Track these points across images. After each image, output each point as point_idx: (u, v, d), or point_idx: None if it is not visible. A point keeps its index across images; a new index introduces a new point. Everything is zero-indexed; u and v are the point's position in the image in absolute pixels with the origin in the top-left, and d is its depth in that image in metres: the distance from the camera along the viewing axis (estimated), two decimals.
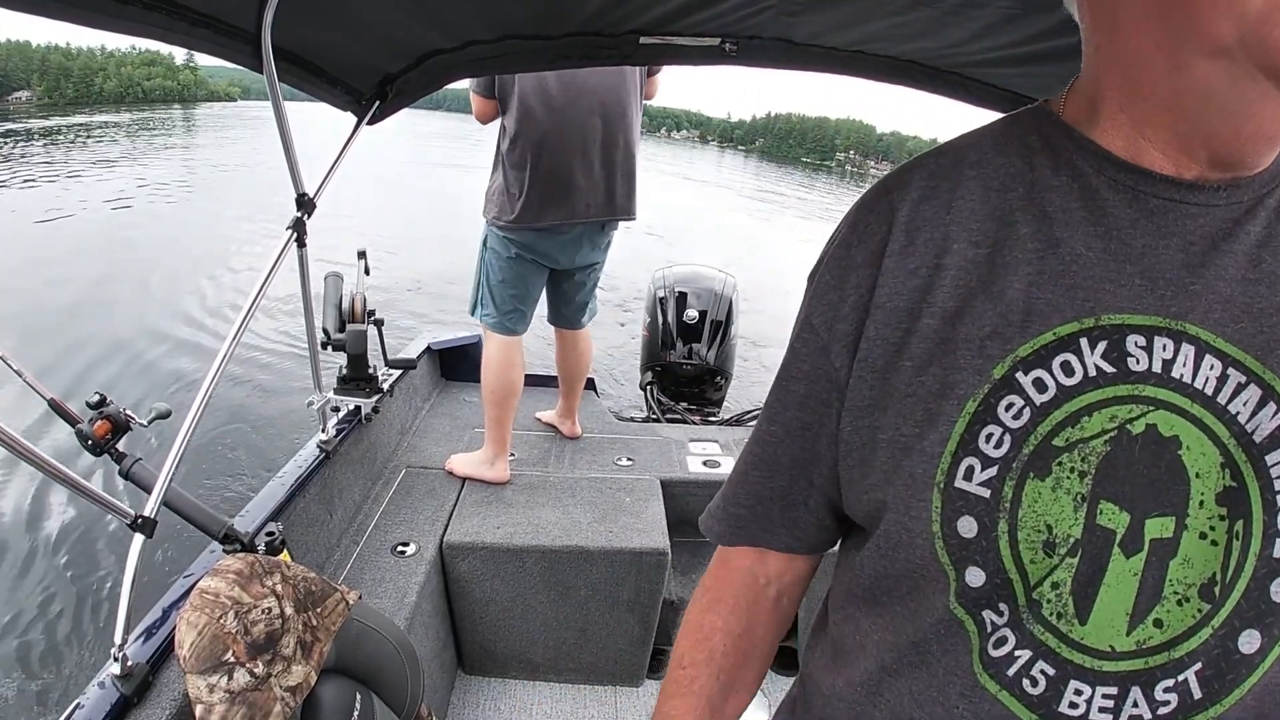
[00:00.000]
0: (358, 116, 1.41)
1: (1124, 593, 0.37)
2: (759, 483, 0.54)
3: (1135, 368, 0.38)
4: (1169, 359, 0.38)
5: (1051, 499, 0.38)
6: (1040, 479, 0.38)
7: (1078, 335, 0.39)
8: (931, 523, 0.40)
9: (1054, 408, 0.38)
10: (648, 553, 1.69)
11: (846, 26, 1.12)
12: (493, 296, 1.99)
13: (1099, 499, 0.37)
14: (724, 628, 0.58)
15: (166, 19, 0.87)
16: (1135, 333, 0.38)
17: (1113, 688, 0.38)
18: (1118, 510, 0.37)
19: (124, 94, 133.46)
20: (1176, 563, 0.36)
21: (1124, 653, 0.37)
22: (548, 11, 1.11)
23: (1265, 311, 0.37)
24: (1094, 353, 0.38)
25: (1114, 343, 0.38)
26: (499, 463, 1.98)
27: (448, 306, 6.85)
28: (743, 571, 0.58)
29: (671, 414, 3.08)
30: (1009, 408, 0.39)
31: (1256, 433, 0.36)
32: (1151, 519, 0.37)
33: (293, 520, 1.44)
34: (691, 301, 3.20)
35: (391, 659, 1.01)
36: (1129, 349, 0.38)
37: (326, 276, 1.89)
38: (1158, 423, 0.37)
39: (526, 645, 1.80)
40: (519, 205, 1.88)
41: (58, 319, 5.65)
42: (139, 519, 0.99)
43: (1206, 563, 0.36)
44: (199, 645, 0.73)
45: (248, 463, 3.77)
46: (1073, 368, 0.38)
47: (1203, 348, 0.37)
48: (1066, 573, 0.38)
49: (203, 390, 1.14)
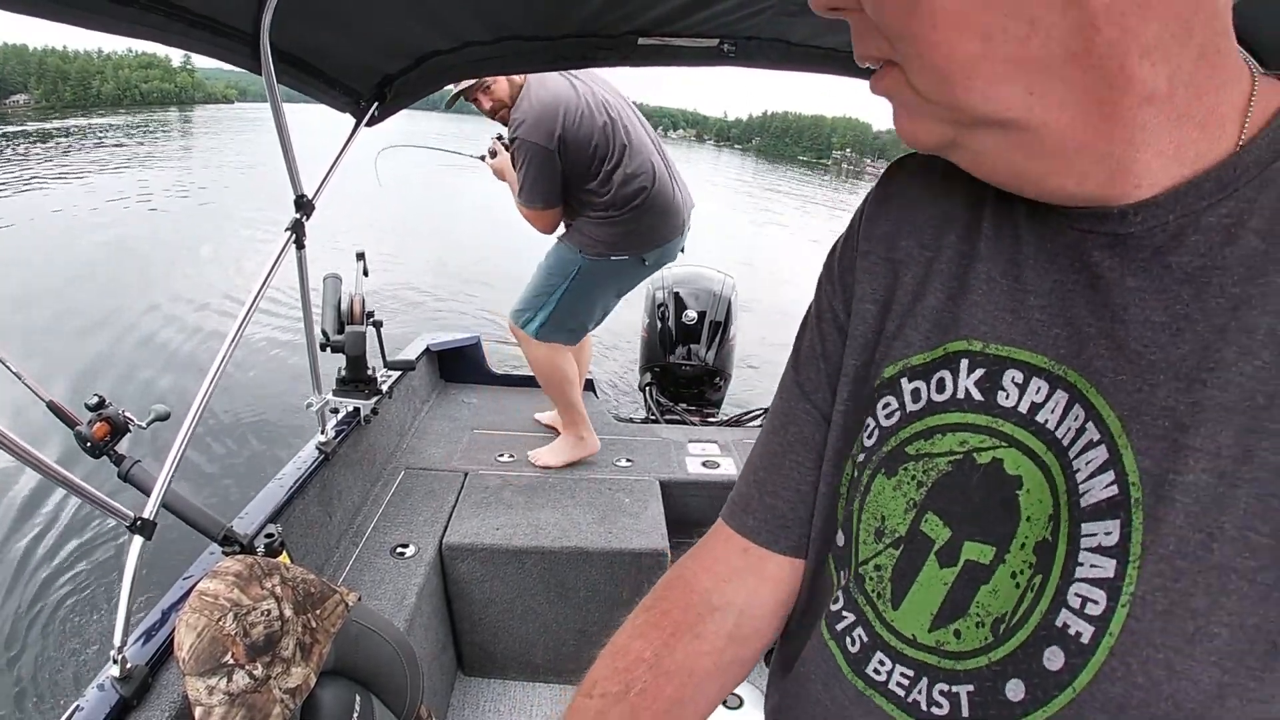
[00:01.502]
0: (356, 118, 1.41)
1: (932, 595, 0.39)
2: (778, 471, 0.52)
3: (1003, 402, 0.38)
4: (1039, 402, 0.37)
5: (890, 496, 0.41)
6: (887, 477, 0.42)
7: (961, 356, 0.40)
8: (841, 486, 0.46)
9: (916, 419, 0.41)
10: (647, 553, 1.69)
11: (845, 27, 1.12)
12: (562, 318, 2.06)
13: (927, 509, 0.40)
14: (650, 660, 0.48)
15: (165, 20, 0.87)
16: (1015, 368, 0.38)
17: (910, 670, 0.40)
18: (940, 524, 0.39)
19: (122, 96, 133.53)
20: (986, 589, 0.38)
21: (923, 645, 0.40)
22: (546, 13, 1.11)
23: (1153, 366, 0.33)
24: (969, 376, 0.39)
25: (991, 373, 0.38)
26: (587, 435, 2.11)
27: (448, 306, 6.85)
28: (695, 593, 0.50)
29: (670, 415, 3.08)
30: (885, 407, 0.43)
31: (1085, 496, 0.35)
32: (971, 542, 0.38)
33: (292, 522, 1.44)
34: (690, 302, 3.21)
35: (391, 660, 1.00)
36: (1004, 383, 0.38)
37: (325, 278, 1.89)
38: (1005, 459, 0.38)
39: (526, 646, 1.80)
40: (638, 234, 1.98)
41: (57, 321, 5.64)
42: (138, 521, 0.99)
43: (1007, 601, 0.37)
44: (198, 647, 0.73)
45: (246, 464, 3.76)
46: (945, 385, 0.40)
47: (1075, 396, 0.36)
48: (888, 560, 0.41)
49: (202, 392, 1.14)
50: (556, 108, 1.82)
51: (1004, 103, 0.31)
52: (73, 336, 5.30)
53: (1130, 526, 0.32)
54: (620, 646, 0.49)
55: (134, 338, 5.44)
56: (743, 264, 7.76)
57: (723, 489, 2.03)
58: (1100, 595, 0.33)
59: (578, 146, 1.86)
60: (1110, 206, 0.34)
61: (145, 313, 6.02)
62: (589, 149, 1.87)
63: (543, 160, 1.85)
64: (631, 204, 1.93)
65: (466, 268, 8.52)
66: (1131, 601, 0.32)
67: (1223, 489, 0.30)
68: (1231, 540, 0.30)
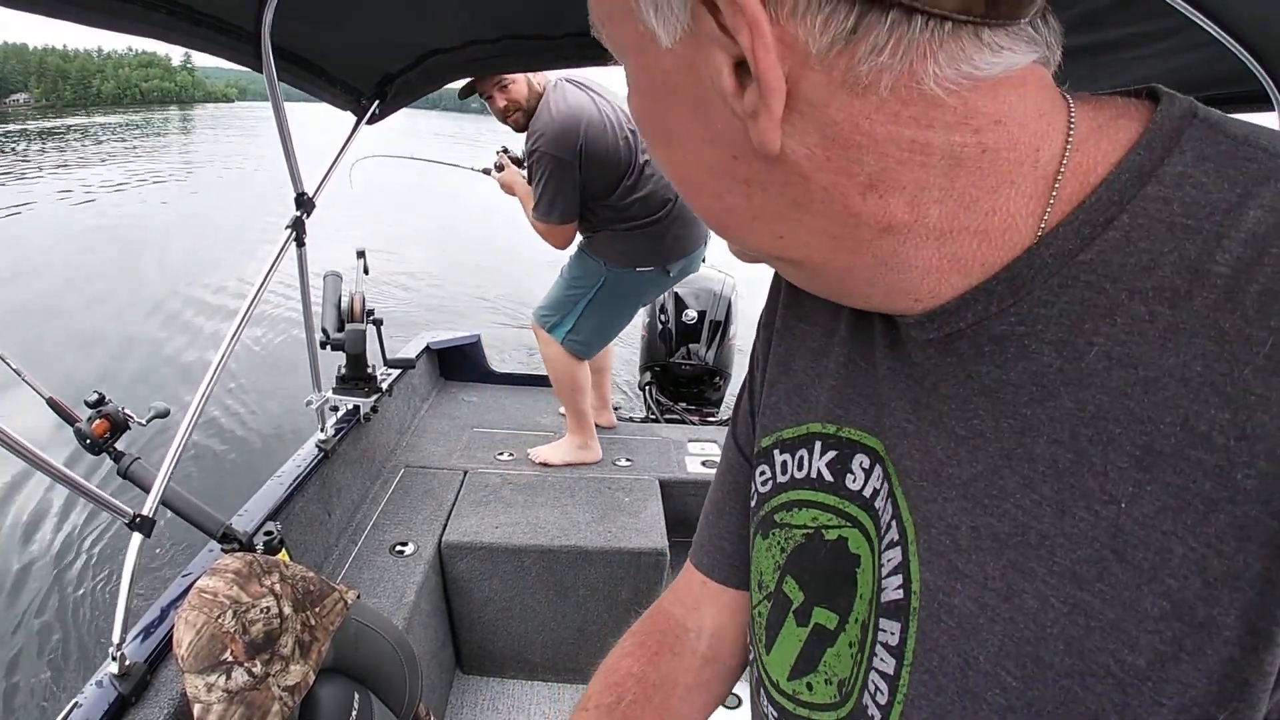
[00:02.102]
0: (357, 116, 1.41)
1: (791, 648, 0.43)
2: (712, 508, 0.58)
3: (850, 484, 0.40)
4: (878, 488, 0.38)
5: (765, 555, 0.45)
6: (763, 538, 0.46)
7: (817, 437, 0.42)
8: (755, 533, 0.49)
9: (781, 491, 0.44)
10: (646, 553, 1.69)
11: None
12: (586, 328, 2.06)
13: (787, 573, 0.43)
14: (638, 674, 0.53)
15: (167, 18, 0.87)
16: (863, 453, 0.39)
17: (776, 712, 0.44)
18: (796, 588, 0.43)
19: (122, 95, 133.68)
20: (832, 652, 0.40)
21: (784, 691, 0.43)
22: (547, 12, 1.11)
23: (950, 480, 0.32)
24: (822, 458, 0.41)
25: (842, 455, 0.40)
26: (591, 444, 2.13)
27: (447, 307, 6.85)
28: (671, 619, 0.56)
29: (670, 414, 3.08)
30: (762, 474, 0.46)
31: (884, 593, 0.36)
32: (820, 607, 0.41)
33: (291, 519, 1.44)
34: (690, 302, 3.20)
35: (389, 658, 1.01)
36: (852, 465, 0.40)
37: (326, 276, 1.89)
38: (849, 539, 0.40)
39: (524, 645, 1.80)
40: (664, 245, 1.98)
41: (56, 318, 5.64)
42: (137, 518, 0.99)
43: (846, 666, 0.39)
44: (197, 644, 0.73)
45: (246, 462, 3.76)
46: (803, 464, 0.43)
47: (891, 490, 0.36)
48: (764, 610, 0.45)
49: (201, 389, 1.14)
50: (578, 121, 1.80)
51: (762, 244, 0.33)
52: (72, 333, 5.30)
53: (907, 632, 0.33)
54: (611, 665, 0.55)
55: (134, 335, 5.44)
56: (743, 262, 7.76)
57: None
58: (885, 688, 0.35)
59: (598, 161, 1.84)
60: (908, 315, 0.33)
61: (145, 309, 6.02)
62: (609, 164, 1.86)
63: (563, 174, 1.83)
64: (658, 214, 1.93)
65: (467, 268, 8.52)
66: (904, 701, 0.33)
67: (983, 621, 0.30)
68: (984, 674, 0.30)
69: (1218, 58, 0.86)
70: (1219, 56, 0.85)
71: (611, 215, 1.94)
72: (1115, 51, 0.95)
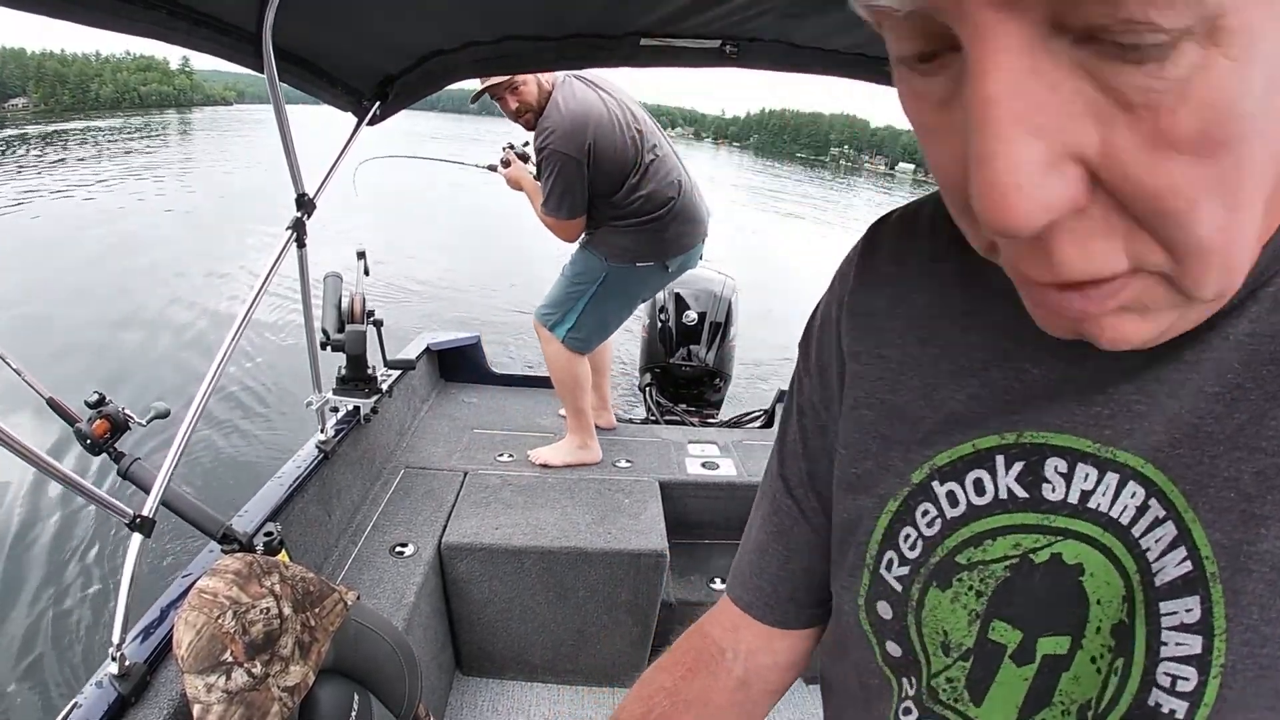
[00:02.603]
0: (358, 117, 1.41)
1: (1014, 692, 0.38)
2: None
3: (1049, 496, 0.36)
4: (1088, 489, 0.35)
5: (949, 610, 0.39)
6: (941, 589, 0.39)
7: (995, 451, 0.37)
8: (858, 596, 0.44)
9: (961, 524, 0.39)
10: (646, 554, 1.69)
11: (848, 28, 1.12)
12: (586, 323, 2.08)
13: (993, 618, 0.38)
14: (670, 689, 0.53)
15: (167, 18, 0.87)
16: (1057, 455, 0.36)
17: None
18: (1010, 629, 0.38)
19: (120, 99, 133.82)
20: (1069, 676, 0.37)
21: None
22: (549, 13, 1.11)
23: (1213, 437, 0.32)
24: (1008, 473, 0.37)
25: (1031, 464, 0.36)
26: (591, 445, 2.14)
27: (446, 307, 6.85)
28: (709, 639, 0.56)
29: (670, 415, 3.08)
30: (924, 514, 0.40)
31: (1159, 575, 0.34)
32: (1045, 637, 0.37)
33: (291, 520, 1.44)
34: (690, 303, 3.21)
35: (389, 659, 1.00)
36: (1046, 474, 0.36)
37: (326, 277, 1.89)
38: (1063, 552, 0.36)
39: (524, 646, 1.80)
40: (663, 241, 2.00)
41: (57, 318, 5.64)
42: (137, 518, 0.99)
43: (1090, 686, 0.36)
44: (197, 645, 0.73)
45: (246, 463, 3.77)
46: (984, 487, 0.38)
47: (1128, 475, 0.34)
48: (960, 672, 0.40)
49: (201, 390, 1.14)
50: (587, 120, 1.83)
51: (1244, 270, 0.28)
52: (73, 334, 5.30)
53: (1210, 601, 0.32)
54: (645, 679, 0.54)
55: (134, 335, 5.45)
56: (743, 263, 7.76)
57: (722, 490, 2.03)
58: (1190, 672, 0.32)
59: (605, 159, 1.87)
60: None
61: (146, 310, 6.03)
62: (616, 162, 1.89)
63: (572, 171, 1.86)
64: (659, 211, 1.95)
65: (467, 267, 8.53)
66: (1223, 673, 0.31)
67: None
68: None
69: None
70: None
71: (614, 212, 1.95)
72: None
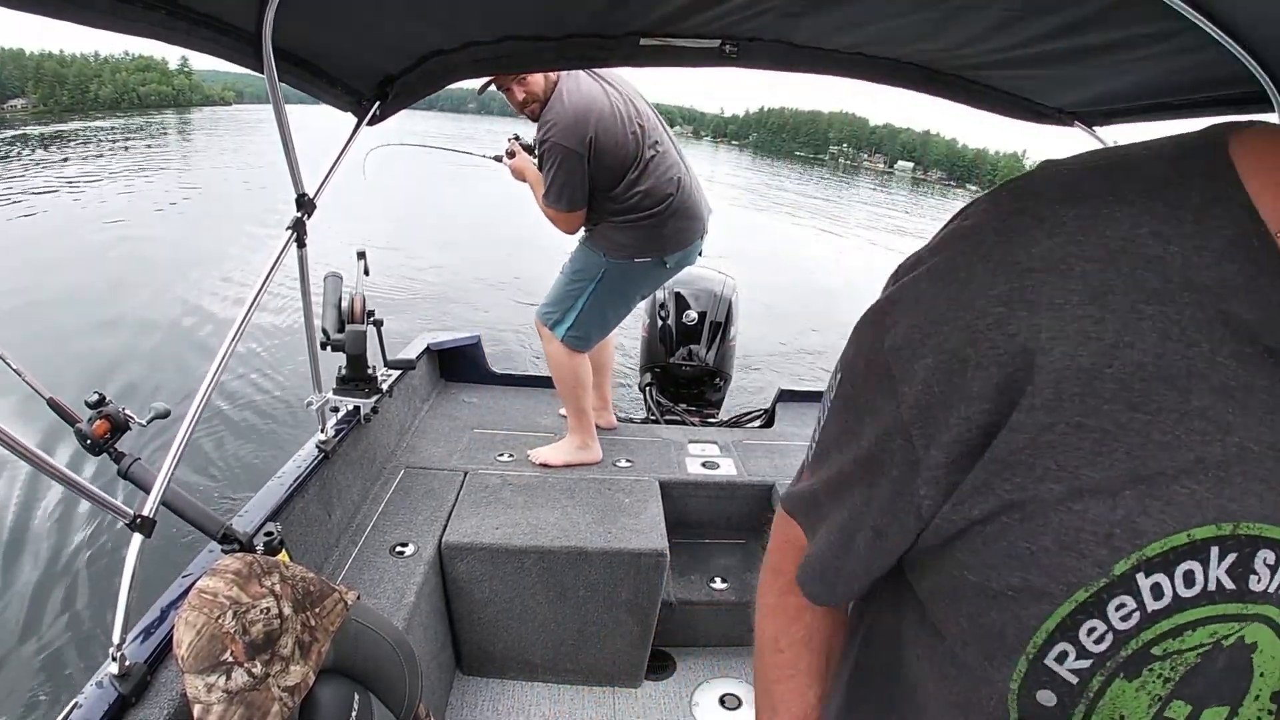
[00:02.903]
0: (358, 117, 1.41)
1: None
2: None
3: (1254, 586, 0.34)
4: None
5: (1133, 698, 0.37)
6: (1128, 680, 0.37)
7: (1211, 543, 0.34)
8: (1011, 681, 0.39)
9: (1163, 617, 0.35)
10: (646, 554, 1.69)
11: (848, 28, 1.12)
12: (587, 320, 2.08)
13: (1172, 700, 0.37)
14: (810, 605, 0.54)
15: (167, 18, 0.87)
16: (1268, 548, 0.33)
17: None
18: (1183, 704, 0.37)
19: (119, 100, 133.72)
20: None
21: None
22: (548, 12, 1.11)
23: None
24: (1220, 565, 0.34)
25: (1243, 556, 0.34)
26: (591, 444, 2.14)
27: (446, 307, 6.85)
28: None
29: (670, 415, 3.08)
30: (1119, 608, 0.36)
31: None
32: (1209, 709, 0.36)
33: (291, 520, 1.44)
34: (691, 302, 3.20)
35: (389, 659, 1.00)
36: (1255, 566, 0.34)
37: (326, 277, 1.89)
38: (1246, 634, 0.35)
39: (524, 646, 1.80)
40: (663, 237, 2.00)
41: (57, 318, 5.64)
42: (137, 518, 0.99)
43: None
44: (197, 645, 0.73)
45: (246, 463, 3.77)
46: (1194, 579, 0.35)
47: None
48: None
49: (202, 390, 1.14)
50: (589, 113, 1.83)
51: None
52: (73, 334, 5.31)
53: None
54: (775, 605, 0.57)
55: (135, 336, 5.45)
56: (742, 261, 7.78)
57: (722, 490, 2.03)
58: None
59: (607, 153, 1.87)
60: None
61: (146, 310, 6.03)
62: (617, 157, 1.88)
63: (573, 164, 1.86)
64: (658, 207, 1.94)
65: (468, 267, 8.52)
66: None
67: None
68: None
69: (1217, 59, 0.86)
70: (1219, 58, 0.85)
71: (613, 208, 1.95)
72: (1116, 53, 0.95)
